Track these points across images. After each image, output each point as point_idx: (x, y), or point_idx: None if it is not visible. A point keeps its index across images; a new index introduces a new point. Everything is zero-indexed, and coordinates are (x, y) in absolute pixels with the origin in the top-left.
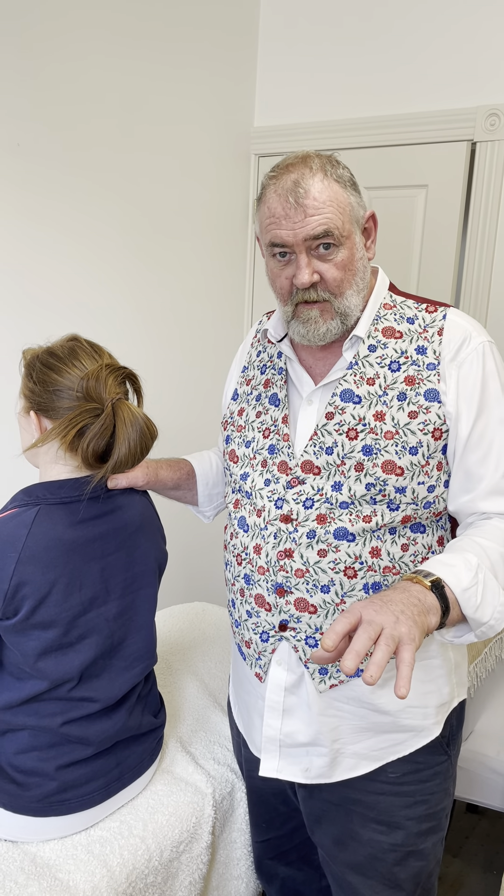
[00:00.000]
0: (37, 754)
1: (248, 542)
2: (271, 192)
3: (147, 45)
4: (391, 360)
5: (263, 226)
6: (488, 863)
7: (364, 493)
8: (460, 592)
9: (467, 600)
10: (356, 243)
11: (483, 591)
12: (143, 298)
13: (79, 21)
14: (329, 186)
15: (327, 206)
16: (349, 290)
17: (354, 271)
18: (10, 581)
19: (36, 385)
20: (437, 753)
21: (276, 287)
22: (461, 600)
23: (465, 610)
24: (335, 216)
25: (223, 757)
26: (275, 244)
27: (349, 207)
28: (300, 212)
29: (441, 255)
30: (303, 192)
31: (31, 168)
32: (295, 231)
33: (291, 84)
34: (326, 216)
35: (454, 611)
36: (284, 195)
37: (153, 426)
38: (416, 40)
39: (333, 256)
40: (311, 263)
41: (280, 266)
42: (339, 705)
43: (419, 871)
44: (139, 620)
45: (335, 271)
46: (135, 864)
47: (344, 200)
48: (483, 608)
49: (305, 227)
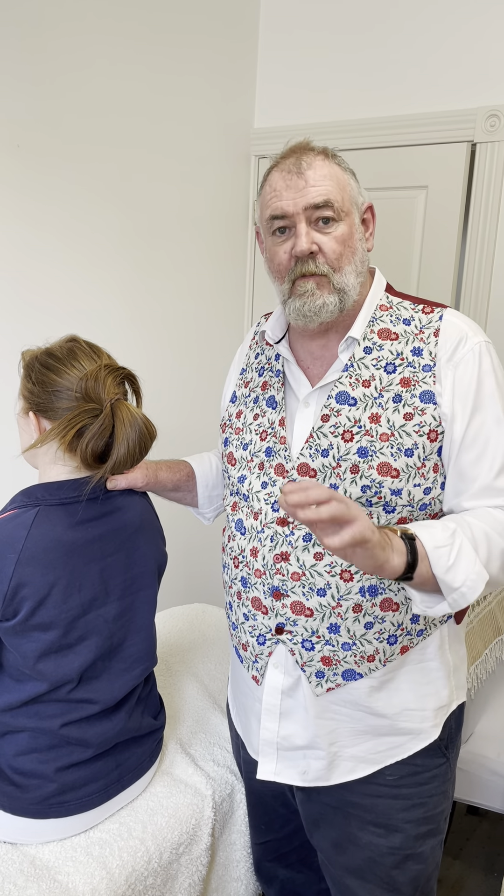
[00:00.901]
0: (36, 756)
1: (246, 545)
2: (274, 172)
3: (147, 47)
4: (387, 362)
5: (265, 203)
6: (489, 865)
7: (360, 495)
8: (432, 549)
9: (438, 559)
10: (355, 223)
11: (457, 554)
12: (143, 299)
13: (79, 24)
14: (330, 165)
15: (328, 179)
16: (347, 266)
17: (354, 250)
18: (10, 582)
19: (35, 386)
20: (435, 756)
21: (273, 265)
22: (431, 558)
23: (434, 569)
24: (335, 190)
25: (223, 759)
26: (275, 216)
27: (349, 187)
28: (301, 180)
29: (441, 255)
30: (305, 164)
31: (31, 169)
32: (295, 200)
33: (291, 85)
34: (327, 187)
35: (423, 565)
36: (287, 169)
37: (152, 426)
38: (415, 42)
39: (332, 230)
40: (311, 234)
41: (279, 242)
42: (336, 708)
43: (418, 874)
44: (139, 622)
45: (334, 244)
46: (134, 866)
47: (344, 179)
48: (455, 572)
49: (306, 195)
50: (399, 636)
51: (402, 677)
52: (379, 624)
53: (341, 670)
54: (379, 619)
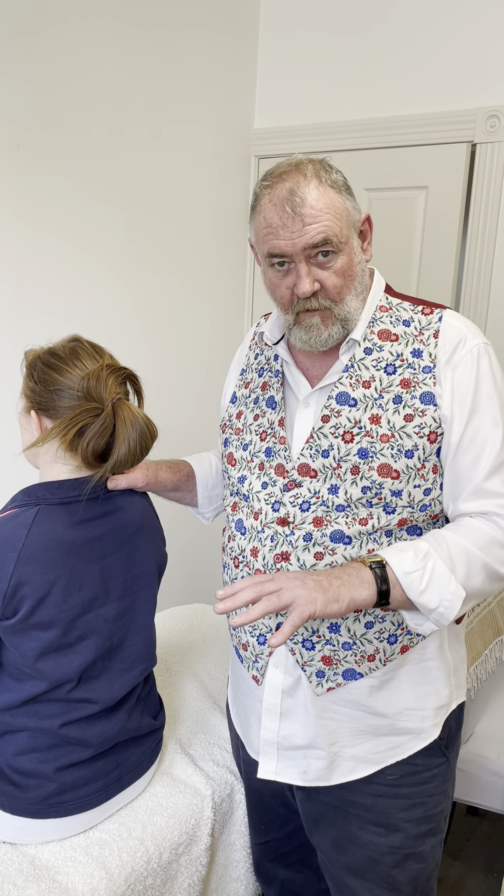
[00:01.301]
0: (36, 756)
1: (246, 545)
2: (266, 202)
3: (147, 47)
4: (387, 363)
5: (260, 236)
6: (489, 865)
7: (360, 496)
8: (402, 575)
9: (410, 584)
10: (354, 248)
11: (429, 577)
12: (144, 300)
13: (80, 24)
14: (325, 193)
15: (324, 213)
16: (349, 295)
17: (353, 276)
18: (10, 581)
19: (37, 384)
20: (435, 756)
21: (276, 297)
22: (403, 583)
23: (408, 593)
24: (333, 223)
25: (222, 759)
26: (273, 255)
27: (345, 213)
28: (297, 221)
29: (441, 256)
30: (299, 200)
31: (31, 169)
32: (293, 241)
33: (291, 86)
34: (324, 224)
35: (395, 591)
36: (280, 205)
37: (153, 426)
38: (415, 42)
39: (333, 263)
40: (311, 272)
41: (280, 276)
42: (336, 708)
43: (418, 873)
44: (139, 622)
45: (335, 278)
46: (134, 867)
47: (340, 206)
48: (429, 594)
49: (304, 236)
50: (399, 636)
51: (402, 677)
52: (379, 623)
53: (342, 670)
54: (379, 618)
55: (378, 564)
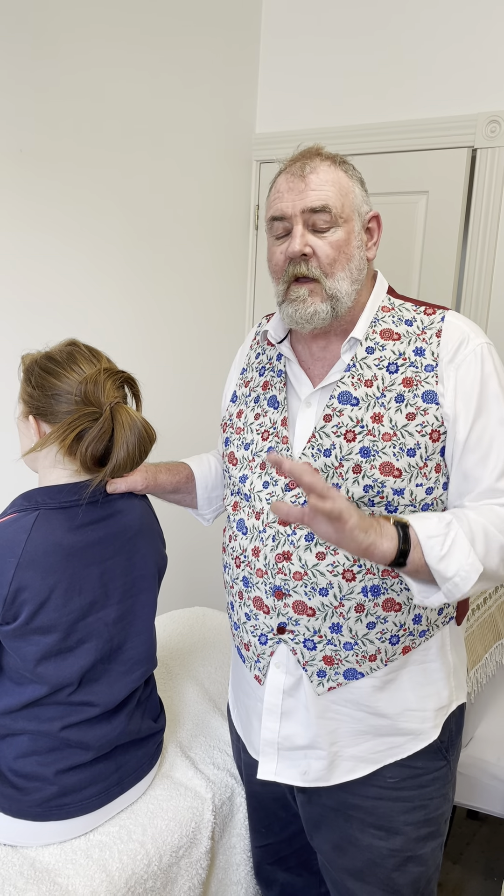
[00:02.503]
0: (36, 759)
1: (247, 545)
2: (281, 176)
3: (150, 53)
4: (389, 362)
5: (268, 205)
6: (489, 869)
7: (362, 494)
8: (425, 539)
9: (431, 548)
10: (354, 231)
11: (451, 545)
12: (144, 304)
13: (83, 30)
14: (335, 171)
15: (329, 185)
16: (341, 272)
17: (349, 256)
18: (10, 586)
19: (35, 389)
20: (435, 759)
21: (271, 265)
22: (424, 547)
23: (427, 558)
24: (335, 196)
25: (223, 762)
26: (275, 217)
27: (352, 194)
28: (302, 183)
29: (442, 261)
30: (309, 168)
31: (33, 174)
32: (294, 202)
33: (293, 91)
34: (326, 193)
35: (415, 553)
36: (291, 173)
37: (152, 430)
38: (417, 48)
39: (329, 235)
40: (305, 236)
41: (277, 243)
42: (337, 708)
43: (418, 876)
44: (139, 625)
45: (328, 249)
46: (134, 869)
47: (347, 186)
48: (448, 561)
49: (305, 199)
50: (401, 636)
51: (403, 677)
52: (381, 624)
53: (343, 669)
54: (381, 619)
55: (401, 524)
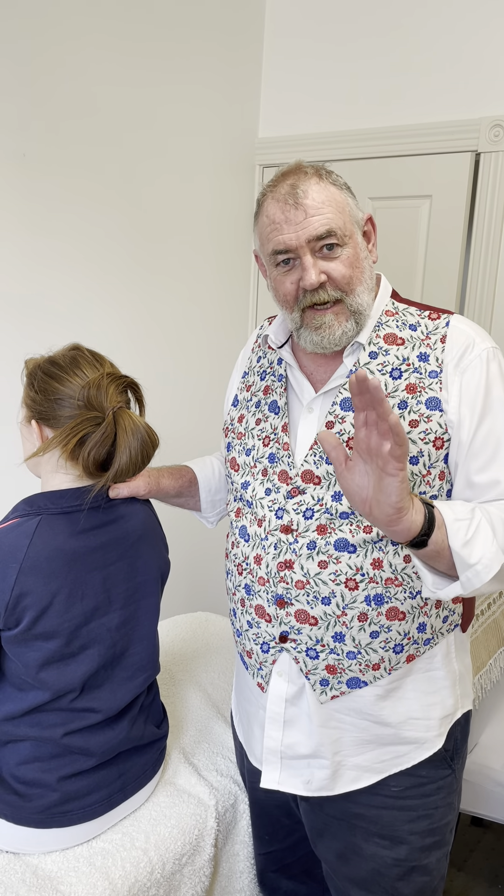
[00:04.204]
0: (39, 765)
1: (249, 552)
2: (269, 201)
3: (152, 57)
4: (392, 368)
5: (264, 236)
6: (493, 876)
7: None
8: (451, 521)
9: (457, 531)
10: (359, 243)
11: (475, 530)
12: (147, 308)
13: (85, 35)
14: (326, 188)
15: (327, 205)
16: (359, 286)
17: (362, 269)
18: (12, 592)
19: (37, 394)
20: (440, 767)
21: (279, 295)
22: (450, 529)
23: (451, 541)
24: (335, 216)
25: (226, 768)
26: (278, 251)
27: (348, 207)
28: (301, 212)
29: (445, 265)
30: (301, 193)
31: (36, 178)
32: (297, 233)
33: (295, 95)
34: (327, 216)
35: (439, 533)
36: (283, 199)
37: (154, 435)
38: (420, 52)
39: (339, 255)
40: (318, 264)
41: (284, 272)
42: (340, 717)
43: (423, 886)
44: (141, 630)
45: (343, 268)
46: (137, 877)
47: (342, 200)
48: (472, 547)
49: (308, 227)
50: (405, 645)
51: (408, 686)
52: (385, 633)
53: (346, 678)
54: (385, 628)
55: (427, 504)
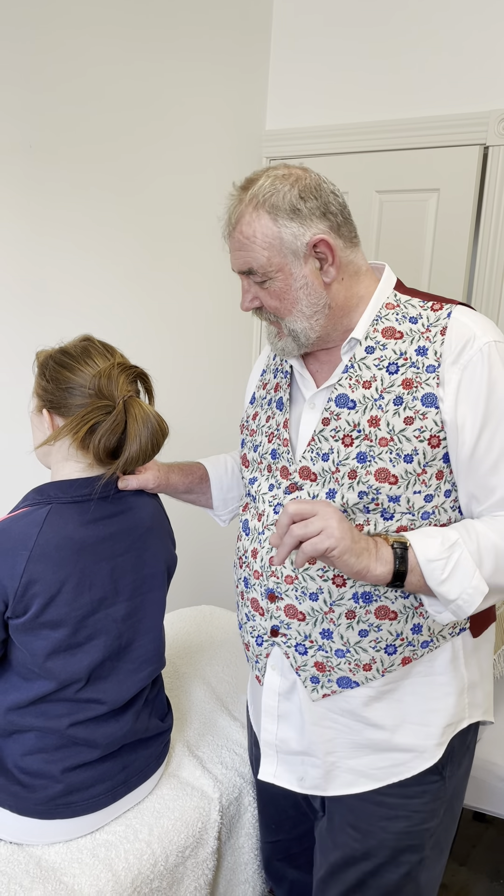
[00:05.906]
0: (43, 756)
1: (248, 546)
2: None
3: (160, 49)
4: (389, 362)
5: None
6: (495, 871)
7: (356, 501)
8: (425, 562)
9: (431, 571)
10: (293, 274)
11: (452, 568)
12: (156, 300)
13: (94, 27)
14: (257, 220)
15: (250, 241)
16: (289, 316)
17: (293, 300)
18: (21, 579)
19: (49, 383)
20: (429, 772)
21: None
22: (425, 570)
23: (428, 581)
24: (258, 253)
25: (230, 761)
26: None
27: (277, 241)
28: (234, 241)
29: (452, 258)
30: (234, 219)
31: (44, 169)
32: (232, 261)
33: (303, 87)
34: (248, 254)
35: (413, 576)
36: (227, 219)
37: (165, 424)
38: (428, 44)
39: (267, 286)
40: (251, 290)
41: None
42: (333, 717)
43: (392, 888)
44: (147, 623)
45: (269, 300)
46: (140, 869)
47: (270, 234)
48: (449, 584)
49: (235, 260)
50: (398, 646)
51: (405, 689)
52: (375, 632)
53: (336, 677)
54: (375, 627)
55: (401, 545)
